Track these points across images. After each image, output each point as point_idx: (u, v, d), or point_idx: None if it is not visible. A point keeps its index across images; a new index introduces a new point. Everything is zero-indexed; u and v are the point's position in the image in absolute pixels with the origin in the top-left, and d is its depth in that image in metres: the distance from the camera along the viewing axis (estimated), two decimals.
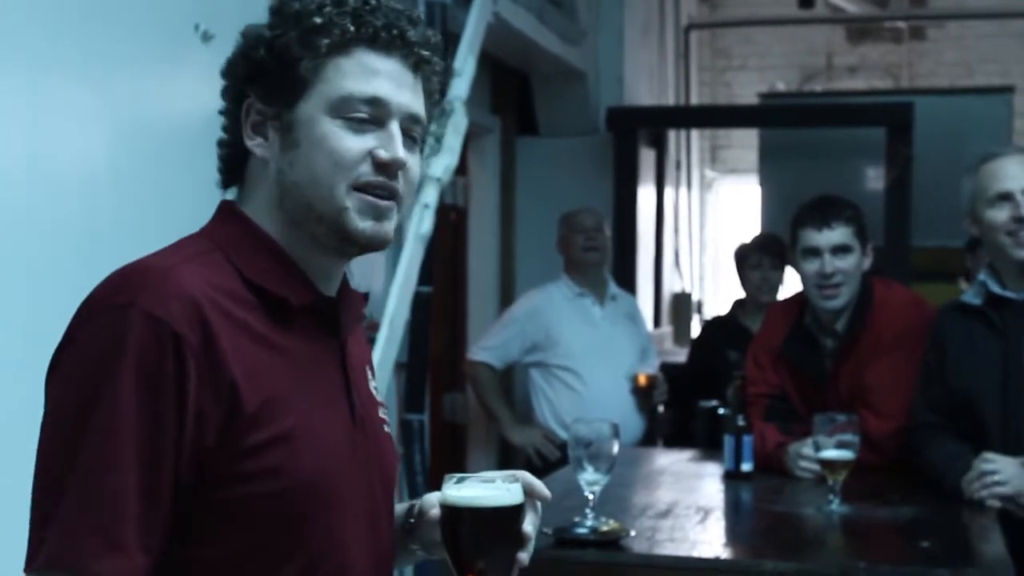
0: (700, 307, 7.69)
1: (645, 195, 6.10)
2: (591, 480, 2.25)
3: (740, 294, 4.69)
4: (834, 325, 3.10)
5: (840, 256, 3.02)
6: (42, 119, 2.34)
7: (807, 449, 2.86)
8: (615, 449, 2.25)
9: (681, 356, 5.36)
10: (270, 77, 1.30)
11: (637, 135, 5.77)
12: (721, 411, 3.26)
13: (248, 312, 1.26)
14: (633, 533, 2.29)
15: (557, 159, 5.69)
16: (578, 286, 4.53)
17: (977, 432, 2.73)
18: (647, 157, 6.23)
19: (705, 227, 8.64)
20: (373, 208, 1.30)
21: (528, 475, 1.34)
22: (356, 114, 1.30)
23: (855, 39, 8.69)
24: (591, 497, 2.26)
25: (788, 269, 4.56)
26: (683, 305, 7.09)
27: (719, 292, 8.44)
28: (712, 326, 4.96)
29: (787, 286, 4.54)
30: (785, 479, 2.91)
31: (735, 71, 8.90)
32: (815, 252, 3.03)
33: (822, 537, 2.51)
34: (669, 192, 6.80)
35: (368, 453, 1.36)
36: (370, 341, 3.64)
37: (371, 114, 1.30)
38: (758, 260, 4.55)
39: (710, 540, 2.49)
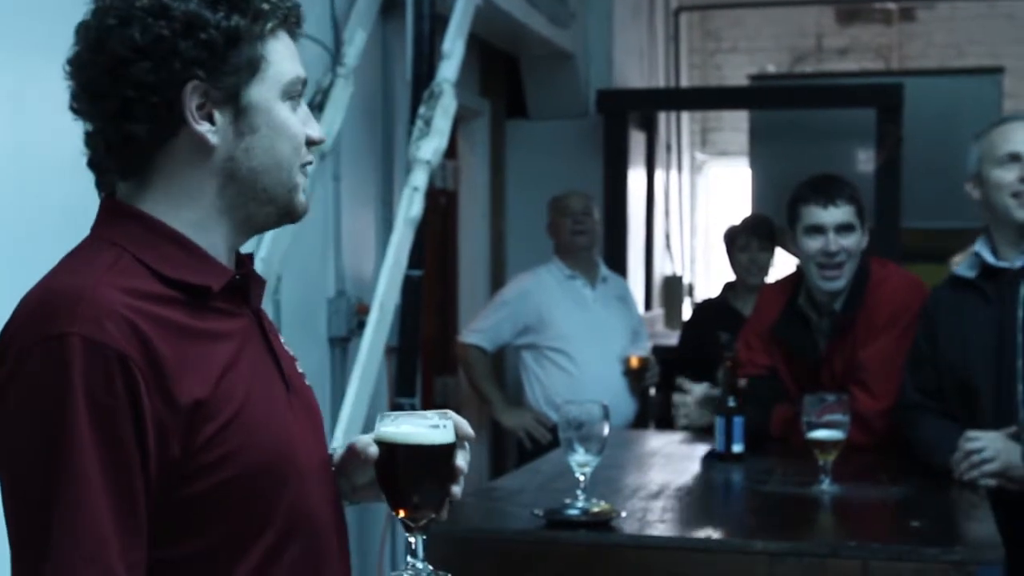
0: (691, 290, 7.69)
1: (635, 178, 6.09)
2: (582, 461, 2.25)
3: (731, 276, 4.69)
4: (832, 305, 3.10)
5: (843, 235, 3.02)
6: (27, 103, 2.32)
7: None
8: (606, 430, 2.25)
9: (672, 339, 5.36)
10: (219, 59, 1.27)
11: (627, 118, 5.75)
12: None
13: (172, 309, 1.24)
14: (624, 514, 2.29)
15: (547, 142, 5.67)
16: (569, 268, 4.53)
17: (969, 406, 2.73)
18: (637, 140, 6.22)
19: (696, 210, 8.64)
20: (305, 183, 1.37)
21: (455, 414, 1.36)
22: (295, 96, 1.34)
23: (845, 21, 8.67)
24: (582, 479, 2.25)
25: (777, 251, 4.58)
26: (674, 288, 7.09)
27: (710, 275, 8.43)
28: (703, 309, 4.97)
29: (776, 268, 4.54)
30: (776, 459, 2.92)
31: (725, 53, 8.88)
32: (819, 230, 3.02)
33: (813, 517, 2.51)
34: (659, 175, 6.79)
35: (304, 411, 1.38)
36: (360, 325, 3.64)
37: (299, 94, 1.35)
38: (746, 242, 4.54)
39: (701, 521, 2.49)
